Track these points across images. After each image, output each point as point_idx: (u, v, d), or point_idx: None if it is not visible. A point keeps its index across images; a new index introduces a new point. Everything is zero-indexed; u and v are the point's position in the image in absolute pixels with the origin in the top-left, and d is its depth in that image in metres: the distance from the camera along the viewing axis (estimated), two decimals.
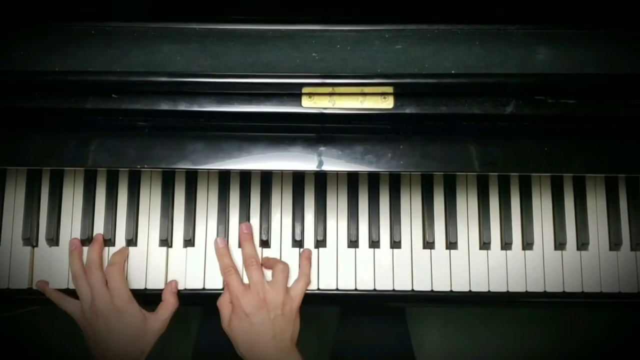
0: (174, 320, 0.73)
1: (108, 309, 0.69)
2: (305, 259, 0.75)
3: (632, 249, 0.77)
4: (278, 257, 0.77)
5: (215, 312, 0.73)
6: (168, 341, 0.70)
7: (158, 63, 0.62)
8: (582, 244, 0.77)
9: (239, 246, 0.77)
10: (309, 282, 0.75)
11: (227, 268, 0.73)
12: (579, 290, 0.76)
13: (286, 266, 0.74)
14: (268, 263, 0.75)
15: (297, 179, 0.78)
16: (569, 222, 0.78)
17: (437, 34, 0.65)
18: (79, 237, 0.76)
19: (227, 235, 0.77)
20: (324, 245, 0.77)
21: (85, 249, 0.75)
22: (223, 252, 0.75)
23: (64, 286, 0.75)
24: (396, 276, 0.76)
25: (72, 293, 0.75)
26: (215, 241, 0.76)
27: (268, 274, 0.75)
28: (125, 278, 0.73)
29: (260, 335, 0.69)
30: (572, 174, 0.78)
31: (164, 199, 0.77)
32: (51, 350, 1.38)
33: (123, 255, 0.75)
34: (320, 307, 1.28)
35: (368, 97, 0.62)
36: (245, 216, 0.77)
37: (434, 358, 1.41)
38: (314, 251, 0.77)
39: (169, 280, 0.76)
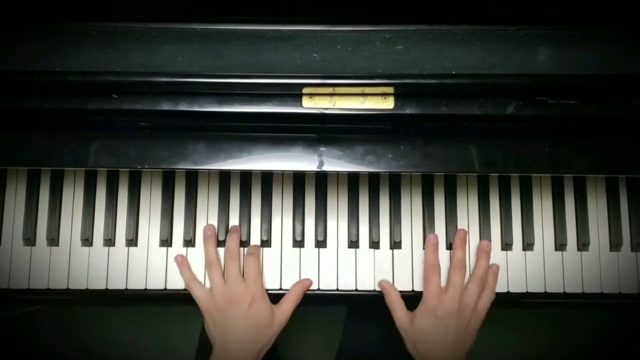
0: (175, 319, 0.73)
1: (244, 295, 0.71)
2: (492, 275, 0.74)
3: (633, 249, 0.77)
4: (279, 258, 0.77)
5: None
6: (171, 341, 0.70)
7: (159, 63, 0.62)
8: (582, 245, 0.77)
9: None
10: (493, 298, 0.74)
11: (433, 265, 0.73)
12: (579, 290, 0.76)
13: (481, 283, 0.73)
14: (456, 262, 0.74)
15: (298, 179, 0.78)
16: (570, 223, 0.78)
17: (437, 34, 0.65)
18: (79, 237, 0.76)
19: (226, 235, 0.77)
20: (325, 246, 0.77)
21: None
22: (433, 248, 0.74)
23: (64, 286, 0.75)
24: (396, 276, 0.76)
25: (72, 293, 0.75)
26: (428, 237, 0.75)
27: None
28: (260, 269, 0.75)
29: (444, 340, 0.69)
30: (572, 175, 0.78)
31: (165, 199, 0.77)
32: (51, 350, 1.38)
33: (259, 248, 0.76)
34: (326, 307, 1.28)
35: (369, 98, 0.62)
36: (245, 216, 0.77)
37: None
38: (314, 251, 0.77)
39: (169, 280, 0.76)
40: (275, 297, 0.76)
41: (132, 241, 0.76)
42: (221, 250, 0.76)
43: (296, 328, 1.33)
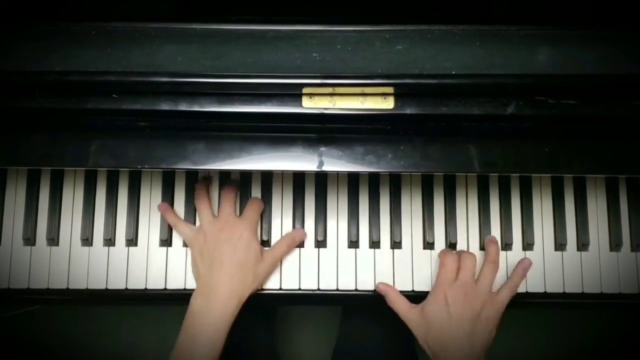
0: (175, 320, 0.73)
1: (235, 228, 0.71)
2: (521, 270, 0.73)
3: (633, 249, 0.77)
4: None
5: None
6: (170, 341, 0.70)
7: (159, 63, 0.62)
8: (582, 245, 0.77)
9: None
10: (514, 293, 0.72)
11: (446, 253, 0.72)
12: (579, 291, 0.76)
13: (496, 266, 0.73)
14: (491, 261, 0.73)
15: (298, 179, 0.79)
16: (570, 223, 0.78)
17: (437, 34, 0.65)
18: (79, 237, 0.76)
19: None
20: (325, 246, 0.77)
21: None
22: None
23: (64, 286, 0.75)
24: (397, 276, 0.76)
25: (72, 293, 0.75)
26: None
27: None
28: (258, 218, 0.75)
29: (454, 330, 0.67)
30: (572, 175, 0.78)
31: (165, 199, 0.77)
32: (51, 350, 1.38)
33: (261, 203, 0.77)
34: (321, 307, 1.28)
35: (369, 98, 0.62)
36: None
37: None
38: (314, 251, 0.77)
39: (169, 280, 0.76)
40: (275, 298, 0.76)
41: (132, 241, 0.76)
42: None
43: (296, 328, 1.34)
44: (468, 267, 0.71)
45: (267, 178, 0.78)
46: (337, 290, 0.76)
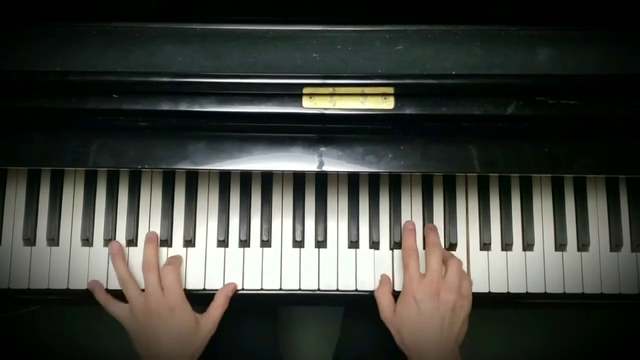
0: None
1: (162, 307, 0.69)
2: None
3: (633, 250, 0.77)
4: (279, 258, 0.77)
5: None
6: None
7: (159, 63, 0.62)
8: (582, 245, 0.77)
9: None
10: (471, 282, 0.72)
11: (410, 250, 0.72)
12: (579, 291, 0.76)
13: (460, 261, 0.72)
14: (444, 255, 0.73)
15: (298, 180, 0.78)
16: (570, 223, 0.78)
17: (438, 34, 0.65)
18: (79, 237, 0.76)
19: (228, 235, 0.77)
20: (325, 246, 0.77)
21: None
22: (411, 232, 0.73)
23: (64, 286, 0.75)
24: (397, 277, 0.76)
25: (72, 293, 0.75)
26: (406, 222, 0.74)
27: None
28: (180, 279, 0.73)
29: (428, 326, 0.67)
30: (572, 175, 0.78)
31: (165, 199, 0.77)
32: (51, 350, 1.38)
33: (180, 259, 0.75)
34: (322, 307, 1.28)
35: (369, 98, 0.62)
36: (245, 216, 0.77)
37: None
38: (314, 252, 0.77)
39: None
40: (275, 298, 0.76)
41: (132, 241, 0.76)
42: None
43: (297, 328, 1.34)
44: (434, 265, 0.70)
45: (267, 178, 0.78)
46: (337, 290, 0.76)
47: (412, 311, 0.68)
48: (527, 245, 0.77)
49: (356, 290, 0.76)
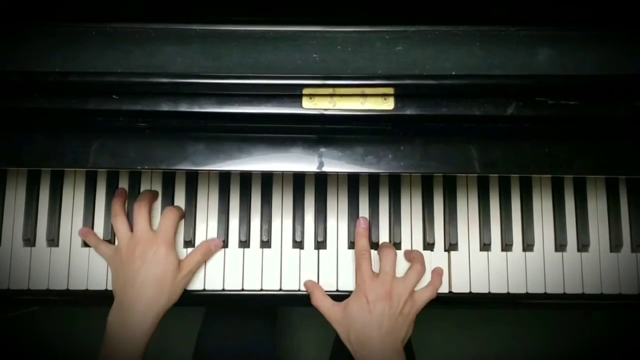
0: (175, 320, 0.73)
1: (150, 243, 0.70)
2: (437, 275, 0.75)
3: (633, 250, 0.77)
4: (279, 259, 0.77)
5: (216, 313, 0.73)
6: (169, 342, 0.70)
7: (159, 64, 0.62)
8: (582, 246, 0.77)
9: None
10: (434, 296, 0.73)
11: (363, 251, 0.73)
12: (579, 291, 0.76)
13: (423, 269, 0.74)
14: (409, 256, 0.75)
15: (298, 180, 0.78)
16: (570, 224, 0.78)
17: (438, 35, 0.65)
18: (79, 237, 0.76)
19: (228, 236, 0.77)
20: (324, 247, 0.77)
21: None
22: (363, 233, 0.74)
23: (64, 287, 0.75)
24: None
25: (72, 294, 0.75)
26: (358, 221, 0.75)
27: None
28: (176, 225, 0.74)
29: (375, 327, 0.68)
30: (572, 175, 0.78)
31: (164, 200, 0.77)
32: (51, 350, 1.38)
33: (181, 210, 0.76)
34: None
35: (369, 99, 0.62)
36: (245, 217, 0.77)
37: (435, 358, 1.41)
38: (314, 252, 0.77)
39: None
40: (275, 299, 0.76)
41: None
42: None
43: (296, 329, 1.34)
44: (387, 266, 0.72)
45: (267, 178, 0.78)
46: (337, 290, 0.76)
47: (363, 310, 0.69)
48: (527, 246, 0.77)
49: None
